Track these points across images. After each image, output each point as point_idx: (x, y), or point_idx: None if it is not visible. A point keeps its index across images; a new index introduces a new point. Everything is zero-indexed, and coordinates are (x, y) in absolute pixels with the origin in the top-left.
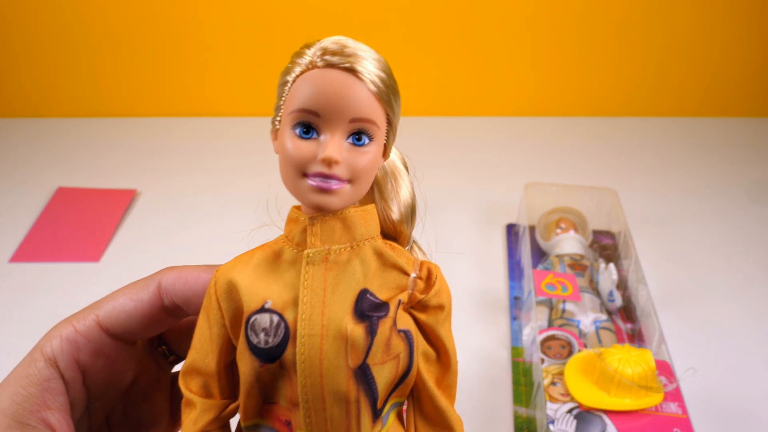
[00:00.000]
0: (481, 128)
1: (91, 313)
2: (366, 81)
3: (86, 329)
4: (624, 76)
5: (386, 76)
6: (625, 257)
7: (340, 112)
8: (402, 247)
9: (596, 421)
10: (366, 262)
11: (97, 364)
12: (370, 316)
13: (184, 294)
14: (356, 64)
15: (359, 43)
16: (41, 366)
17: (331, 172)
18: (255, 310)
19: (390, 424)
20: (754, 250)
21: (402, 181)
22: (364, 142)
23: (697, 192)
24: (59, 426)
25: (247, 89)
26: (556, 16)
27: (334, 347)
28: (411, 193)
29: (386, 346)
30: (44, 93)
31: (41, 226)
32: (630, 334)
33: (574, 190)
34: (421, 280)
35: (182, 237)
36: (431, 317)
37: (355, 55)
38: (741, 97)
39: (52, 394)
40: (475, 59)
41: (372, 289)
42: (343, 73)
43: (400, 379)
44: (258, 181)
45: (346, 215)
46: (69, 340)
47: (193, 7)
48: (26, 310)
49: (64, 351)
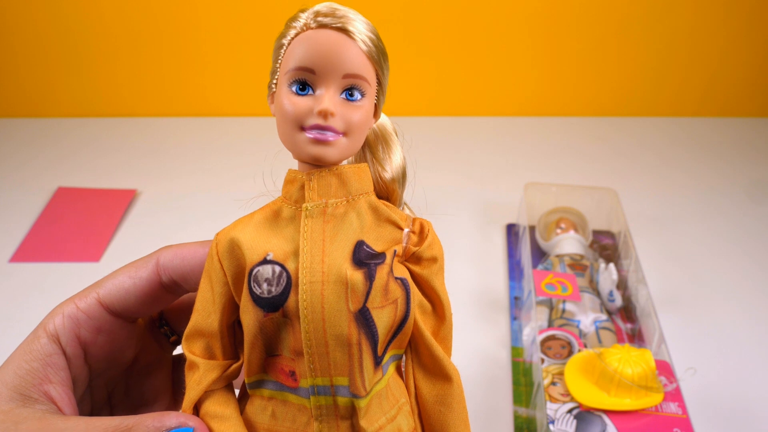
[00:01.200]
0: (481, 128)
1: (93, 291)
2: (357, 40)
3: (87, 306)
4: (624, 76)
5: (375, 38)
6: (625, 257)
7: (334, 68)
8: (394, 205)
9: (596, 421)
10: (362, 215)
11: (98, 340)
12: (367, 263)
13: (182, 269)
14: (347, 24)
15: (349, 8)
16: (44, 342)
17: (327, 124)
18: (257, 263)
19: (389, 375)
20: (754, 250)
21: (393, 144)
22: (357, 98)
23: (697, 192)
24: (60, 399)
25: (247, 89)
26: (556, 16)
27: (335, 292)
28: (402, 156)
29: (384, 290)
30: (44, 93)
31: (41, 226)
32: (630, 334)
33: (574, 190)
34: (414, 234)
35: (182, 237)
36: (425, 269)
37: (346, 16)
38: (741, 97)
39: (54, 368)
40: (475, 59)
41: (368, 241)
42: (336, 32)
43: (398, 325)
44: (258, 181)
45: (341, 171)
46: (71, 316)
47: (193, 7)
48: (26, 310)
49: (66, 327)
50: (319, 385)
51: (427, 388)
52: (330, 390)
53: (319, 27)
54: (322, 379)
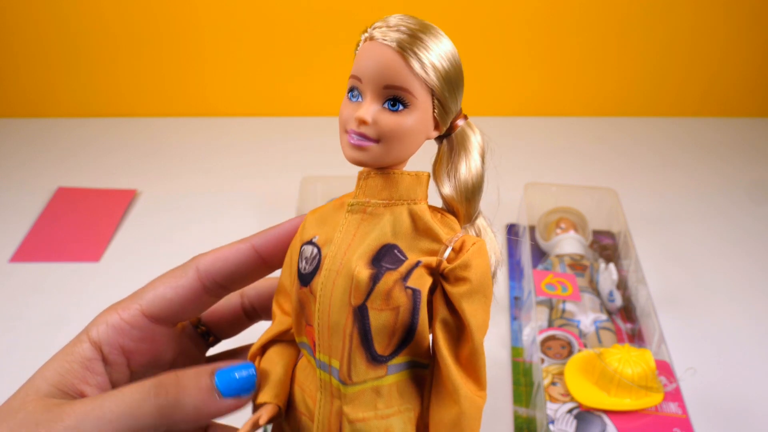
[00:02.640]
0: (482, 128)
1: (134, 302)
2: (410, 58)
3: (131, 317)
4: (624, 76)
5: (433, 56)
6: (625, 257)
7: (376, 78)
8: (453, 219)
9: (596, 421)
10: (399, 221)
11: (141, 348)
12: (380, 266)
13: (226, 270)
14: (403, 40)
15: (419, 21)
16: (86, 347)
17: (360, 131)
18: (306, 241)
19: (399, 378)
20: (754, 250)
21: (464, 160)
22: (398, 108)
23: (697, 192)
24: None
25: (247, 89)
26: (556, 16)
27: (343, 285)
28: (472, 175)
29: (386, 296)
30: (44, 93)
31: (41, 226)
32: (630, 334)
33: (574, 190)
34: (454, 251)
35: (182, 237)
36: (454, 288)
37: (405, 33)
38: (741, 97)
39: (93, 372)
40: (475, 59)
41: (402, 247)
42: (386, 45)
43: (404, 332)
44: (258, 181)
45: (390, 175)
46: (114, 326)
47: (193, 7)
48: (26, 310)
49: (110, 336)
50: (322, 361)
51: (435, 406)
52: (328, 368)
53: (373, 39)
54: (325, 356)
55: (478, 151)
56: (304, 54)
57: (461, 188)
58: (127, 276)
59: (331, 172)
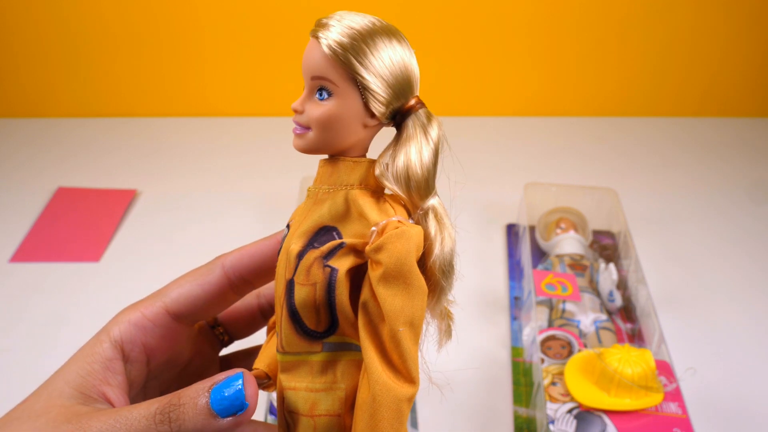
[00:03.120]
0: (481, 128)
1: (158, 300)
2: (322, 45)
3: (154, 315)
4: (624, 76)
5: (347, 40)
6: (625, 257)
7: (305, 71)
8: (395, 206)
9: (596, 421)
10: (335, 205)
11: (162, 346)
12: (310, 244)
13: (253, 265)
14: (321, 31)
15: (348, 13)
16: (106, 347)
17: (295, 119)
18: (286, 224)
19: (339, 360)
20: (754, 250)
21: (404, 149)
22: (324, 97)
23: (697, 192)
24: (116, 400)
25: (247, 89)
26: (556, 16)
27: (284, 260)
28: (411, 163)
29: (307, 271)
30: (44, 93)
31: (41, 226)
32: (630, 334)
33: (574, 190)
34: (378, 235)
35: (182, 237)
36: (371, 271)
37: (326, 24)
38: (741, 97)
39: (113, 372)
40: (475, 59)
41: (340, 230)
42: (313, 40)
43: (326, 311)
44: (258, 181)
45: (335, 162)
46: (137, 325)
47: (193, 7)
48: (26, 310)
49: (132, 335)
50: (278, 331)
51: (358, 387)
52: (280, 333)
53: (311, 36)
54: (278, 327)
55: (424, 141)
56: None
57: (397, 176)
58: (127, 276)
59: None
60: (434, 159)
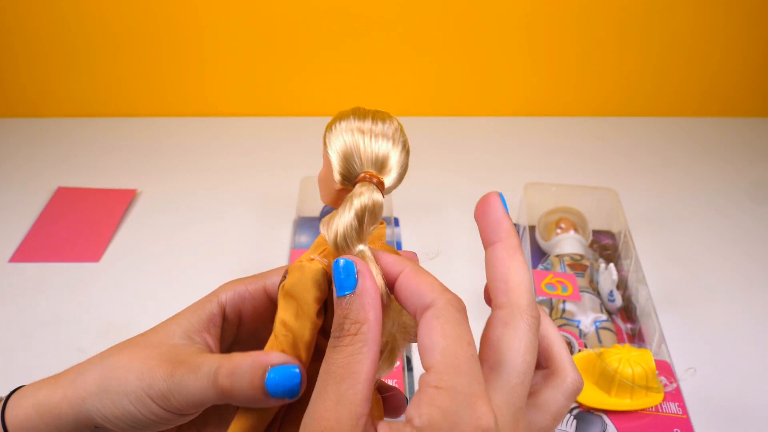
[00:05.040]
0: (481, 128)
1: (261, 280)
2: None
3: (255, 290)
4: (624, 76)
5: (332, 127)
6: (625, 257)
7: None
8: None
9: (596, 421)
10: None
11: (252, 318)
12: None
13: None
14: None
15: (356, 110)
16: (214, 304)
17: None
18: None
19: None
20: (754, 250)
21: (337, 211)
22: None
23: (697, 192)
24: (213, 347)
25: (247, 89)
26: (555, 16)
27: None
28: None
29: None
30: (44, 93)
31: (41, 226)
32: (630, 334)
33: (574, 190)
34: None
35: (182, 237)
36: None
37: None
38: (741, 97)
39: (214, 325)
40: (474, 59)
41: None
42: None
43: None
44: (258, 181)
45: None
46: (241, 295)
47: (193, 7)
48: (26, 310)
49: (235, 301)
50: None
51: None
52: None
53: None
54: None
55: (348, 208)
56: (304, 54)
57: (327, 230)
58: (127, 276)
59: None
60: (354, 222)
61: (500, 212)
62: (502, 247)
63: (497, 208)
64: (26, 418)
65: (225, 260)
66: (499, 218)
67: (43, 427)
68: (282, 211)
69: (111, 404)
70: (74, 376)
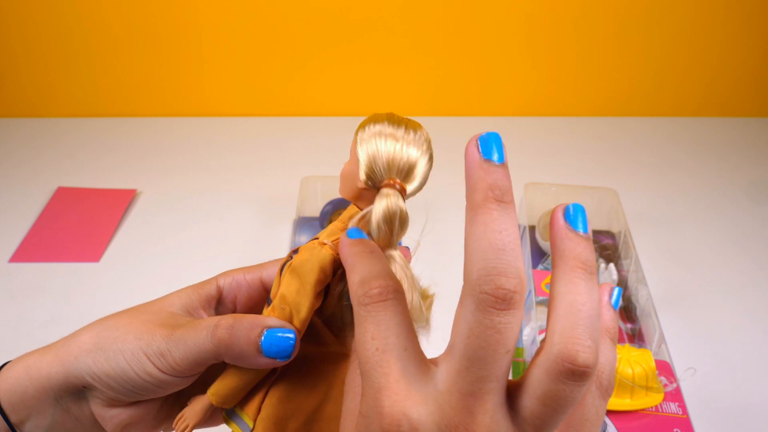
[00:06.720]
0: (481, 128)
1: (258, 271)
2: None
3: (252, 280)
4: (624, 76)
5: (362, 131)
6: (625, 257)
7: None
8: (336, 231)
9: None
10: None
11: (247, 306)
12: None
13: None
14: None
15: (390, 116)
16: (212, 287)
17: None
18: None
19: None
20: (754, 249)
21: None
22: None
23: (697, 192)
24: None
25: (247, 89)
26: (555, 16)
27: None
28: (370, 216)
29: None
30: (44, 93)
31: (41, 226)
32: (630, 334)
33: (574, 190)
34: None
35: (182, 237)
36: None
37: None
38: (741, 97)
39: (210, 307)
40: (474, 59)
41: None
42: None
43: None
44: (258, 181)
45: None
46: (238, 282)
47: (193, 7)
48: (26, 310)
49: (232, 287)
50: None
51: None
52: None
53: None
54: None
55: (374, 211)
56: (304, 54)
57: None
58: (127, 276)
59: (331, 172)
60: (388, 219)
61: (474, 161)
62: (467, 208)
63: (472, 158)
64: (16, 381)
65: (225, 260)
66: (468, 164)
67: (31, 389)
68: (282, 211)
69: (105, 361)
70: (68, 339)
